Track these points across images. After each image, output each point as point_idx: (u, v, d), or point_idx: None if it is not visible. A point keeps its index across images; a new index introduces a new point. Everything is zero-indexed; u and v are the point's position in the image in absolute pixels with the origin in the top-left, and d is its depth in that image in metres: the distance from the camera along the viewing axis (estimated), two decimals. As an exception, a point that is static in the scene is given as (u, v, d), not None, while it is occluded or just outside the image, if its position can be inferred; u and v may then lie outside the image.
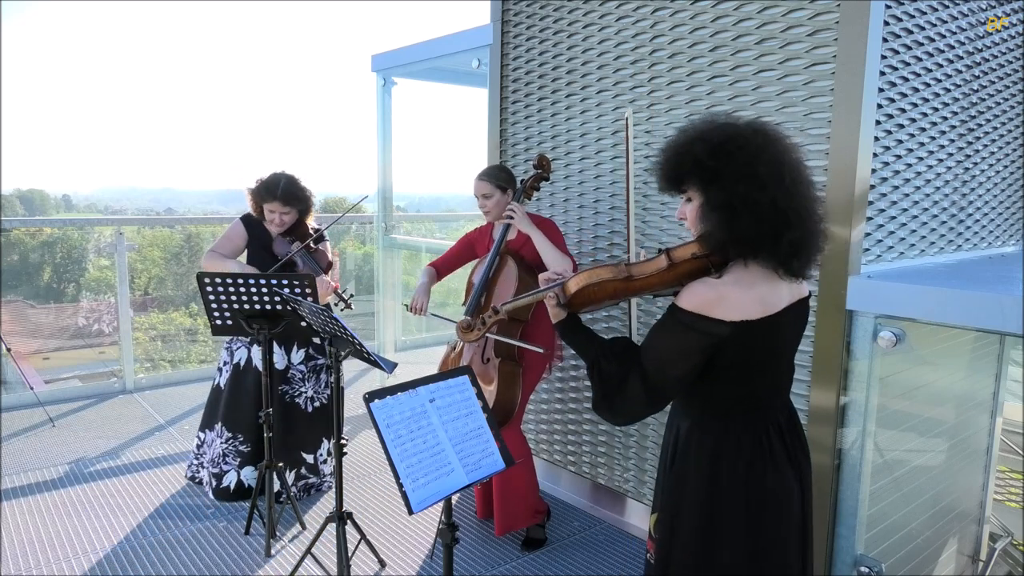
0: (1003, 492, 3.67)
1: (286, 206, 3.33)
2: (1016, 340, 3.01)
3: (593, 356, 1.68)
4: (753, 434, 1.64)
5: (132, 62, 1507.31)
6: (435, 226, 7.57)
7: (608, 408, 1.67)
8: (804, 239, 1.52)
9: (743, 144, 1.51)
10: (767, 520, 1.63)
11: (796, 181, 1.52)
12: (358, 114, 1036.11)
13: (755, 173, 1.48)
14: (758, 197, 1.48)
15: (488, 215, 3.07)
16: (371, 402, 1.66)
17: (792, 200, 1.50)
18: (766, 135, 1.54)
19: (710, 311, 1.52)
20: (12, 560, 2.93)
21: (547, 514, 3.27)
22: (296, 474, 3.50)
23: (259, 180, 3.38)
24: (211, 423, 3.51)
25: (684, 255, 1.60)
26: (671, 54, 2.90)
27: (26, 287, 6.19)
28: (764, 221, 1.49)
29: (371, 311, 5.41)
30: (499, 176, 3.04)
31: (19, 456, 4.00)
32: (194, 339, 6.65)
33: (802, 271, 1.57)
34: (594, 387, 1.69)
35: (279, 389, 3.42)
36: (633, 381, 1.60)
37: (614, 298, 1.71)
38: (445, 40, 4.21)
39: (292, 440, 3.46)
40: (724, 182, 1.50)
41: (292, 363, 3.46)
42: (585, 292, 1.71)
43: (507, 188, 3.04)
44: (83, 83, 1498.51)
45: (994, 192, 3.15)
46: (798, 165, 1.55)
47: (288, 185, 3.33)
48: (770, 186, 1.48)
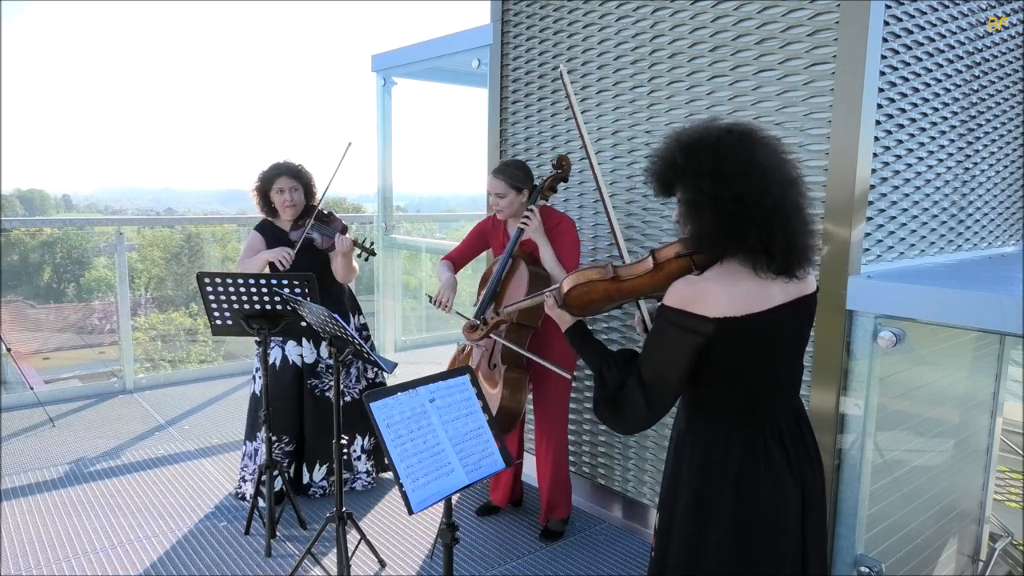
0: (1003, 492, 3.67)
1: (293, 179, 3.39)
2: (1016, 340, 3.00)
3: (598, 363, 1.70)
4: (746, 439, 1.61)
5: (132, 62, 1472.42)
6: (435, 226, 7.57)
7: (610, 413, 1.68)
8: (776, 237, 1.50)
9: (710, 143, 1.53)
10: (758, 528, 1.60)
11: (769, 179, 1.50)
12: (358, 114, 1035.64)
13: (719, 169, 1.50)
14: (719, 192, 1.49)
15: (500, 214, 3.01)
16: (371, 402, 1.66)
17: (762, 197, 1.49)
18: (740, 134, 1.55)
19: (692, 307, 1.53)
20: (12, 560, 2.93)
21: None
22: (328, 469, 3.52)
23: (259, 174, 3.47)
24: (253, 433, 3.49)
25: (668, 255, 1.63)
26: (671, 54, 2.90)
27: (26, 287, 6.19)
28: (727, 217, 1.50)
29: (371, 311, 5.41)
30: (515, 176, 2.93)
31: (19, 456, 4.00)
32: (194, 339, 6.65)
33: (786, 269, 1.54)
34: (596, 392, 1.71)
35: (308, 383, 3.45)
36: (631, 385, 1.61)
37: (611, 300, 1.72)
38: (445, 40, 4.21)
39: (324, 436, 3.46)
40: (690, 179, 1.54)
41: (321, 356, 3.47)
42: (576, 293, 1.73)
43: (523, 188, 2.94)
44: (83, 83, 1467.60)
45: (994, 192, 3.15)
46: (776, 164, 1.54)
47: (289, 162, 3.45)
48: (735, 183, 1.49)
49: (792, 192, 1.54)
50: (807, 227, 1.56)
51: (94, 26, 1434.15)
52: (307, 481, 3.50)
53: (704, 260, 1.60)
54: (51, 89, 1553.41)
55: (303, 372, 3.44)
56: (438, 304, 3.05)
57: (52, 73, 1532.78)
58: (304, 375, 3.44)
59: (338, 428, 2.61)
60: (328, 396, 3.47)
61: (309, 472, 3.49)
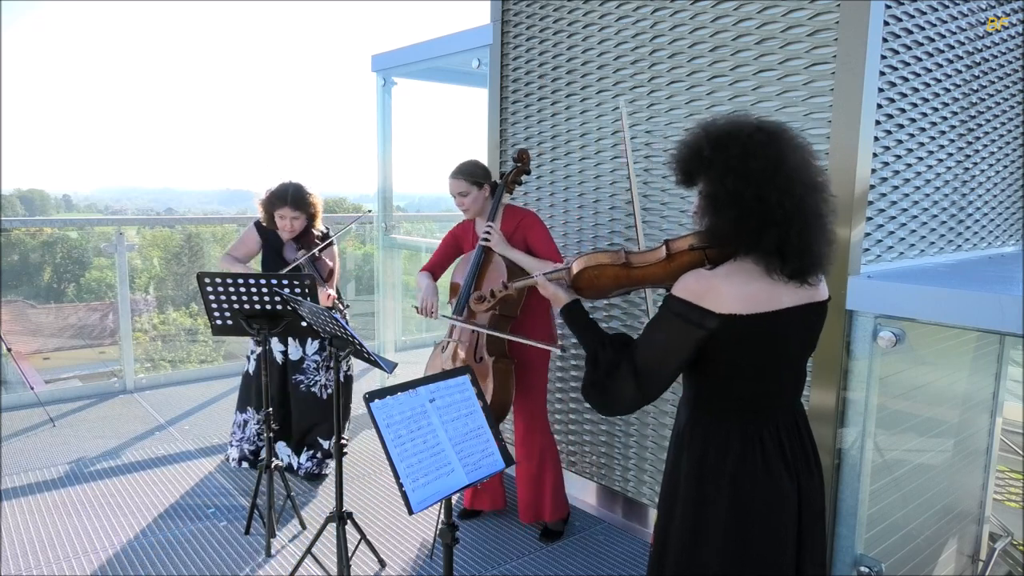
0: (1003, 492, 3.67)
1: (296, 210, 3.54)
2: (1016, 340, 3.00)
3: (593, 343, 1.71)
4: (744, 435, 1.61)
5: (132, 62, 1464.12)
6: (435, 226, 7.56)
7: (599, 394, 1.67)
8: (792, 240, 1.49)
9: (741, 138, 1.52)
10: (753, 525, 1.60)
11: (794, 182, 1.50)
12: (358, 114, 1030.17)
13: (745, 167, 1.49)
14: (742, 189, 1.48)
15: (467, 213, 3.06)
16: (371, 402, 1.66)
17: (784, 199, 1.48)
18: (771, 133, 1.54)
19: (699, 300, 1.53)
20: (12, 560, 2.93)
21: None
22: (310, 455, 3.76)
23: (268, 190, 3.60)
24: (244, 406, 3.84)
25: (682, 246, 1.63)
26: (671, 54, 2.90)
27: (26, 287, 6.19)
28: (746, 215, 1.49)
29: (371, 311, 5.41)
30: (473, 172, 3.00)
31: (19, 456, 4.00)
32: (194, 339, 6.64)
33: (798, 274, 1.53)
34: (587, 372, 1.70)
35: (294, 379, 3.69)
36: (625, 368, 1.61)
37: (618, 286, 1.74)
38: (445, 40, 4.20)
39: (309, 428, 3.76)
40: (715, 172, 1.53)
41: (307, 354, 3.70)
42: (586, 275, 1.76)
43: (483, 183, 3.02)
44: (83, 83, 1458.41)
45: (994, 192, 3.15)
46: (802, 167, 1.53)
47: (296, 191, 3.56)
48: (758, 181, 1.48)
49: (814, 197, 1.53)
50: (825, 234, 1.55)
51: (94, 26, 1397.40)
52: (296, 465, 3.77)
53: (717, 255, 1.60)
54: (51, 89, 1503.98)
55: (286, 368, 3.69)
56: (424, 312, 3.11)
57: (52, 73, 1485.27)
58: (288, 371, 3.69)
59: (338, 428, 2.61)
60: (313, 391, 3.71)
61: (296, 456, 3.78)
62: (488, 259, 3.01)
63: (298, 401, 3.70)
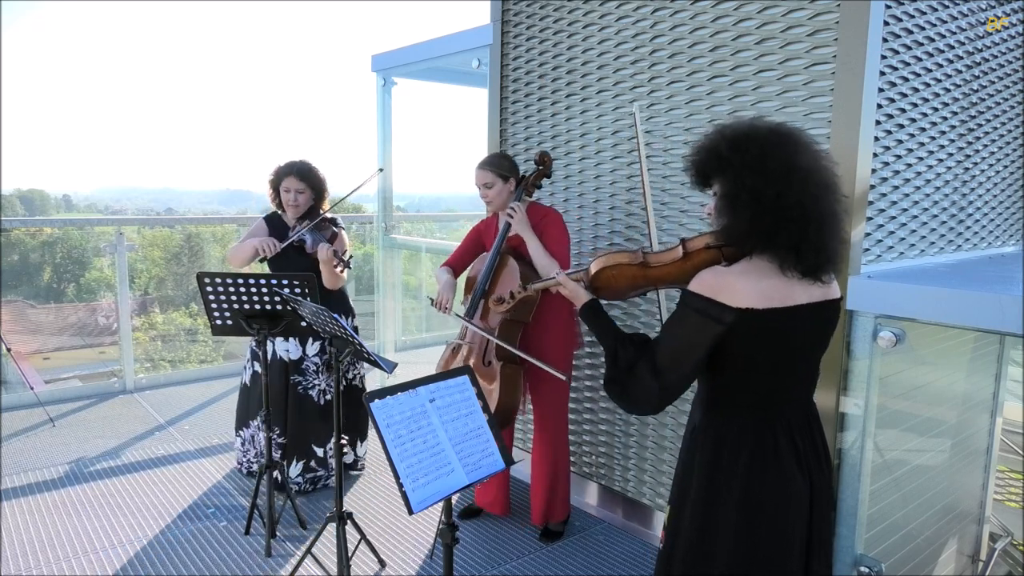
0: (1003, 492, 3.67)
1: (301, 182, 3.47)
2: (1016, 340, 3.00)
3: (613, 342, 1.73)
4: (757, 432, 1.64)
5: (132, 62, 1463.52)
6: (435, 226, 7.56)
7: (620, 392, 1.70)
8: (808, 238, 1.53)
9: (758, 139, 1.57)
10: (764, 522, 1.62)
11: (809, 182, 1.54)
12: (358, 114, 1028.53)
13: (763, 167, 1.53)
14: (760, 188, 1.53)
15: (490, 205, 3.03)
16: (371, 402, 1.66)
17: (802, 198, 1.53)
18: (786, 134, 1.59)
19: (716, 295, 1.56)
20: (12, 560, 2.93)
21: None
22: (304, 466, 3.56)
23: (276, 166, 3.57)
24: (246, 420, 3.64)
25: (698, 245, 1.67)
26: (671, 54, 2.90)
27: (26, 287, 6.19)
28: (763, 214, 1.53)
29: (371, 311, 5.41)
30: (501, 164, 2.98)
31: (19, 456, 4.00)
32: (194, 339, 6.64)
33: (812, 271, 1.58)
34: (608, 369, 1.73)
35: (291, 379, 3.51)
36: (644, 367, 1.63)
37: (635, 286, 1.76)
38: (445, 40, 4.20)
39: (303, 432, 3.54)
40: (733, 172, 1.57)
41: (307, 355, 3.53)
42: (604, 275, 1.78)
43: (509, 176, 3.00)
44: (83, 83, 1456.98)
45: (994, 192, 3.14)
46: (817, 168, 1.57)
47: (304, 163, 3.53)
48: (776, 181, 1.52)
49: (829, 197, 1.58)
50: (839, 232, 1.60)
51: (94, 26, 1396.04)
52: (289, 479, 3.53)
53: (732, 253, 1.64)
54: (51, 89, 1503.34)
55: (288, 368, 3.52)
56: (439, 307, 3.09)
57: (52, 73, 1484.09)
58: (288, 371, 3.52)
59: (338, 428, 2.61)
60: (311, 394, 3.54)
61: (287, 467, 3.52)
62: (503, 262, 2.99)
63: (292, 404, 3.51)
